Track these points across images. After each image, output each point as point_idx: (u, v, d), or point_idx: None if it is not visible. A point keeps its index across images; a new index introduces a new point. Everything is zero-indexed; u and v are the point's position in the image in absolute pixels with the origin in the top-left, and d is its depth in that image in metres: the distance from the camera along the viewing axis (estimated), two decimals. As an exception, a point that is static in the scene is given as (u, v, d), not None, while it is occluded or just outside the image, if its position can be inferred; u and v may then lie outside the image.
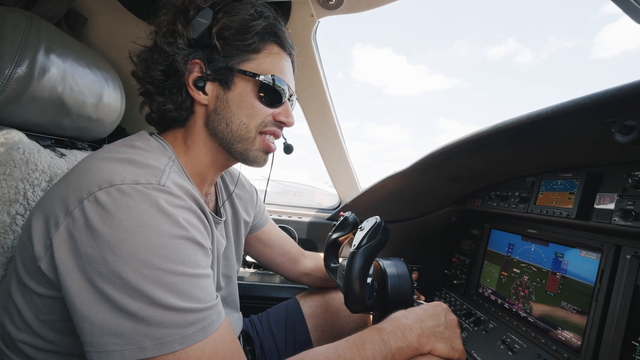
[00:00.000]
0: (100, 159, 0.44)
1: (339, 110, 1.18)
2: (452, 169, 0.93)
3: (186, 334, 0.38)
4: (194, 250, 0.42)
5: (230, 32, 0.50)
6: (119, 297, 0.37)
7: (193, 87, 0.51)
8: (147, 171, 0.43)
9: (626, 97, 0.43)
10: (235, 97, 0.52)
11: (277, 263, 0.90)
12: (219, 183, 0.71)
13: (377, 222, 0.63)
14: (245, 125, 0.53)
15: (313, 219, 1.39)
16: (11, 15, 0.56)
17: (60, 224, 0.39)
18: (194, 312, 0.39)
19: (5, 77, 0.53)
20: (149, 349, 0.37)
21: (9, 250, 0.53)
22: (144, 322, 0.37)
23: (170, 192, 0.42)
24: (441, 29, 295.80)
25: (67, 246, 0.38)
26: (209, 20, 0.49)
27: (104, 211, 0.38)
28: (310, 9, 0.83)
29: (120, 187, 0.39)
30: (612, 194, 0.63)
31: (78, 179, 0.42)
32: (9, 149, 0.53)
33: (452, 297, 1.08)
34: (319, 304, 0.91)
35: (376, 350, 0.49)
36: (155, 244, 0.38)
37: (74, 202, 0.39)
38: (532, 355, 0.72)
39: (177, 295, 0.39)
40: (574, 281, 0.71)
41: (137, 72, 0.53)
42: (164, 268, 0.38)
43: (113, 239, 0.37)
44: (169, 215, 0.40)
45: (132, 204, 0.39)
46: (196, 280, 0.41)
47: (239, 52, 0.51)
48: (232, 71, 0.51)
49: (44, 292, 0.42)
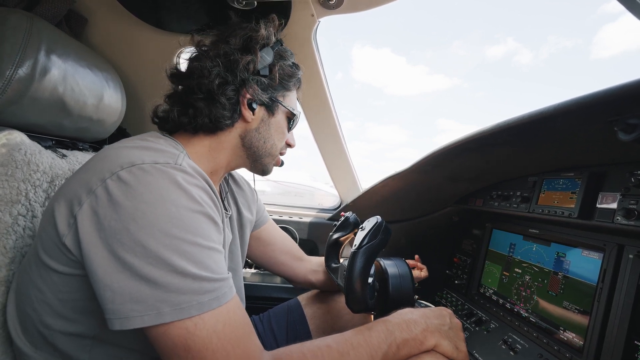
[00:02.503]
0: (118, 148, 0.48)
1: (339, 110, 1.18)
2: (454, 169, 0.93)
3: (202, 301, 0.41)
4: (208, 225, 0.46)
5: (282, 73, 0.64)
6: (140, 265, 0.39)
7: (247, 107, 0.60)
8: (164, 154, 0.47)
9: (629, 95, 0.43)
10: (275, 123, 0.64)
11: (280, 262, 0.89)
12: (223, 182, 0.75)
13: (378, 222, 0.63)
14: (275, 146, 0.66)
15: (314, 219, 1.39)
16: (12, 16, 0.56)
17: (84, 202, 0.42)
18: (209, 281, 0.42)
19: (6, 78, 0.53)
20: (168, 314, 0.39)
21: (11, 251, 0.53)
22: (163, 288, 0.39)
23: (186, 171, 0.46)
24: (440, 29, 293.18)
25: (90, 221, 0.41)
26: (272, 59, 0.62)
27: (126, 187, 0.42)
28: (311, 8, 0.83)
29: (141, 166, 0.43)
30: (615, 193, 0.63)
31: (98, 164, 0.46)
32: (10, 150, 0.53)
33: (453, 297, 1.08)
34: (320, 305, 0.91)
35: (381, 339, 0.51)
36: (174, 215, 0.42)
37: (96, 182, 0.43)
38: (533, 355, 0.72)
39: (194, 263, 0.41)
40: (576, 281, 0.70)
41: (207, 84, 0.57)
42: (182, 237, 0.41)
43: (135, 211, 0.41)
44: (185, 191, 0.44)
45: (152, 180, 0.43)
46: (210, 253, 0.44)
47: (282, 88, 0.64)
48: (277, 103, 0.64)
49: (65, 270, 0.44)
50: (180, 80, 0.61)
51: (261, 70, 0.60)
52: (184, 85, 0.60)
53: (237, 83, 0.58)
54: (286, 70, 0.64)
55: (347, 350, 0.48)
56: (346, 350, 0.48)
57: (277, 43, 0.64)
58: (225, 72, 0.57)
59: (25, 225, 0.55)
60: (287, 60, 0.64)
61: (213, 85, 0.56)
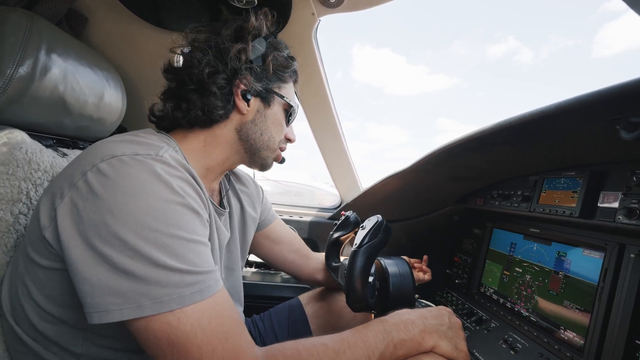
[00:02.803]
0: (103, 142, 0.48)
1: (339, 109, 1.17)
2: (454, 168, 0.93)
3: (183, 294, 0.40)
4: (191, 217, 0.44)
5: (276, 63, 0.62)
6: (118, 258, 0.39)
7: (241, 98, 0.59)
8: (147, 146, 0.47)
9: (631, 93, 0.43)
10: (272, 114, 0.63)
11: (289, 260, 0.89)
12: (224, 180, 0.74)
13: (379, 221, 0.63)
14: (273, 138, 0.64)
15: (314, 218, 1.39)
16: (12, 15, 0.56)
17: (65, 195, 0.42)
18: (190, 274, 0.41)
19: (7, 77, 0.53)
20: (147, 308, 0.38)
21: (12, 250, 0.53)
22: (142, 281, 0.39)
23: (167, 162, 0.46)
24: (440, 28, 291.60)
25: (70, 214, 0.41)
26: (264, 49, 0.60)
27: (105, 178, 0.41)
28: (311, 7, 0.83)
29: (120, 158, 0.43)
30: (616, 192, 0.62)
31: (82, 158, 0.46)
32: (11, 149, 0.54)
33: (453, 296, 1.08)
34: (321, 304, 0.91)
35: (378, 339, 0.51)
36: (153, 207, 0.41)
37: (78, 175, 0.43)
38: (534, 354, 0.72)
39: (174, 256, 0.40)
40: (577, 280, 0.70)
41: (197, 73, 0.56)
42: (160, 230, 0.40)
43: (113, 203, 0.40)
44: (165, 182, 0.43)
45: (131, 171, 0.42)
46: (192, 246, 0.43)
47: (277, 79, 0.63)
48: (273, 93, 0.63)
49: (48, 265, 0.44)
50: (173, 75, 0.60)
51: (254, 60, 0.59)
52: (177, 79, 0.59)
53: (228, 72, 0.57)
54: (280, 61, 0.62)
55: (343, 349, 0.48)
56: (342, 350, 0.48)
57: (271, 35, 0.63)
58: (216, 60, 0.56)
59: (26, 224, 0.55)
60: (281, 52, 0.63)
61: (203, 74, 0.56)
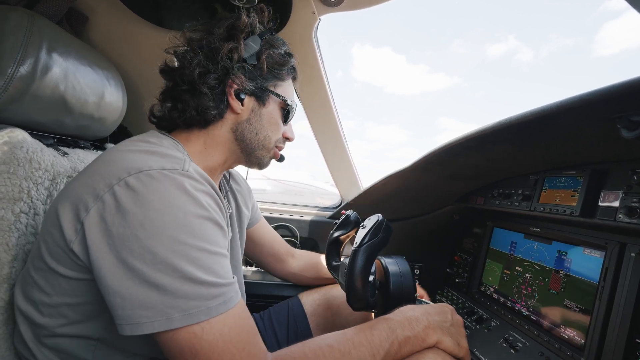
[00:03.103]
0: (122, 151, 0.48)
1: (339, 109, 1.17)
2: (455, 167, 0.93)
3: (210, 306, 0.41)
4: (215, 231, 0.46)
5: (271, 61, 0.61)
6: (149, 272, 0.40)
7: (234, 97, 0.58)
8: (171, 160, 0.47)
9: (632, 91, 0.43)
10: (267, 113, 0.62)
11: (265, 262, 0.95)
12: (223, 180, 0.75)
13: (379, 220, 0.63)
14: (269, 138, 0.64)
15: (314, 217, 1.39)
16: (13, 14, 0.56)
17: (91, 208, 0.42)
18: (216, 287, 0.43)
19: (7, 76, 0.53)
20: (177, 320, 0.40)
21: (14, 248, 0.53)
22: (173, 294, 0.40)
23: (193, 177, 0.47)
24: (440, 27, 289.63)
25: (98, 228, 0.41)
26: (258, 47, 0.59)
27: (134, 194, 0.42)
28: (312, 6, 0.83)
29: (148, 173, 0.43)
30: (617, 191, 0.62)
31: (103, 168, 0.46)
32: (12, 148, 0.54)
33: (454, 295, 1.08)
34: (321, 302, 0.91)
35: (383, 337, 0.51)
36: (182, 222, 0.42)
37: (103, 188, 0.43)
38: (534, 353, 0.72)
39: (202, 269, 0.42)
40: (578, 279, 0.70)
41: (188, 74, 0.57)
42: (190, 244, 0.42)
43: (144, 218, 0.41)
44: (193, 197, 0.44)
45: (160, 187, 0.43)
46: (217, 258, 0.45)
47: (273, 77, 0.62)
48: (268, 92, 0.61)
49: (74, 275, 0.45)
50: (168, 75, 0.61)
51: (248, 59, 0.58)
52: (172, 80, 0.60)
53: (219, 72, 0.57)
54: (276, 59, 0.61)
55: (348, 349, 0.48)
56: (347, 350, 0.48)
57: (267, 32, 0.62)
58: (206, 60, 0.56)
59: (27, 223, 0.55)
60: (277, 49, 0.62)
61: (194, 74, 0.56)
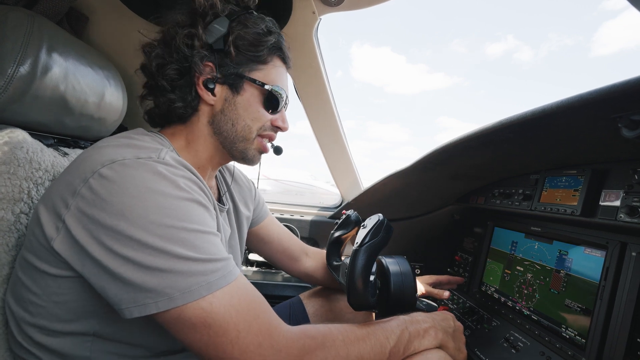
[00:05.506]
0: (99, 147, 0.47)
1: (340, 108, 1.17)
2: (455, 167, 0.93)
3: (210, 281, 0.41)
4: (200, 210, 0.45)
5: (244, 42, 0.55)
6: (141, 257, 0.39)
7: (203, 88, 0.54)
8: (147, 150, 0.46)
9: (633, 91, 0.43)
10: (243, 101, 0.57)
11: (276, 260, 0.91)
12: (219, 177, 0.74)
13: (380, 220, 0.63)
14: (248, 127, 0.58)
15: (315, 217, 1.39)
16: (13, 14, 0.56)
17: (70, 204, 0.41)
18: (211, 262, 0.42)
19: (8, 76, 0.53)
20: (179, 298, 0.39)
21: (14, 249, 0.53)
22: (169, 274, 0.39)
23: (168, 163, 0.45)
24: (440, 27, 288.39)
25: (81, 223, 0.41)
26: (225, 29, 0.53)
27: (109, 183, 0.41)
28: (312, 6, 0.83)
29: (122, 162, 0.42)
30: (618, 191, 0.62)
31: (80, 165, 0.45)
32: (12, 148, 0.53)
33: (454, 295, 1.08)
34: (322, 303, 0.91)
35: (394, 325, 0.55)
36: (162, 205, 0.41)
37: (79, 183, 0.42)
38: (535, 353, 0.72)
39: (192, 248, 0.41)
40: (579, 279, 0.70)
41: (149, 67, 0.55)
42: (175, 225, 0.41)
43: (123, 206, 0.40)
44: (171, 180, 0.43)
45: (135, 173, 0.41)
46: (206, 237, 0.44)
47: (249, 61, 0.56)
48: (243, 78, 0.56)
49: (58, 273, 0.44)
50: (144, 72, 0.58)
51: (214, 44, 0.53)
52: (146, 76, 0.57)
53: (178, 62, 0.53)
54: (248, 39, 0.54)
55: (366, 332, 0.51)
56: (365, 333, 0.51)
57: (241, 11, 0.56)
58: (163, 51, 0.53)
59: (27, 223, 0.55)
60: (250, 28, 0.55)
61: (152, 68, 0.54)
